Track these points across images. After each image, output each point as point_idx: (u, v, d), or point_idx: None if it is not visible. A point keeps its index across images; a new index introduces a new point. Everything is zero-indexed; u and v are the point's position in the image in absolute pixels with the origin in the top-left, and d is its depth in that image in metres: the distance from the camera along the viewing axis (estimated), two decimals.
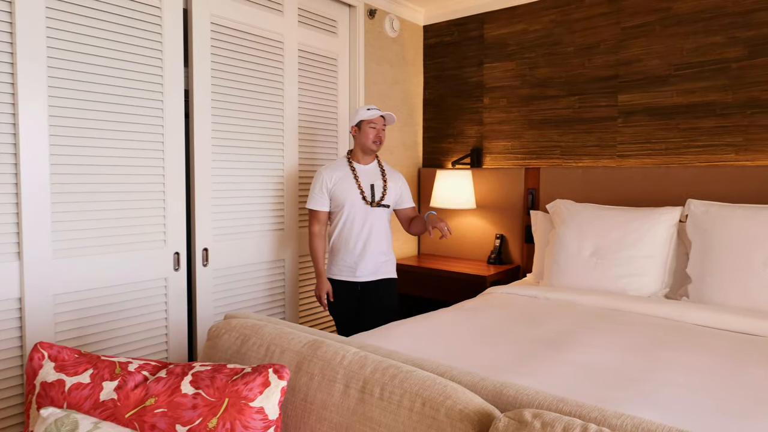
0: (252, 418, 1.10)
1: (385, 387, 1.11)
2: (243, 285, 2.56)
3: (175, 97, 2.21)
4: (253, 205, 2.58)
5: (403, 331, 1.82)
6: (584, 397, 1.31)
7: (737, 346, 1.69)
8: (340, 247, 2.37)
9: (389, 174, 2.44)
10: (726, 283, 2.06)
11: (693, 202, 2.30)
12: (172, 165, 2.22)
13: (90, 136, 1.98)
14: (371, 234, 2.35)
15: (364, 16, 3.05)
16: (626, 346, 1.67)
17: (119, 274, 2.09)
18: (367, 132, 2.32)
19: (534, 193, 3.00)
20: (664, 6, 2.64)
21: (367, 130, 2.32)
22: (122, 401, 1.15)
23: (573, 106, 2.93)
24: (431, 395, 1.05)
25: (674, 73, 2.62)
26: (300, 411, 1.21)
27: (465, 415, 0.98)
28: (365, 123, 2.32)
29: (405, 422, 1.04)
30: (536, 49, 3.04)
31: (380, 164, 2.44)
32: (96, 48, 1.98)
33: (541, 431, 0.85)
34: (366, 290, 2.39)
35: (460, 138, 3.39)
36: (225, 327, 1.48)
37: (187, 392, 1.14)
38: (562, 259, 2.46)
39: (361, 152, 2.38)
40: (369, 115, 2.32)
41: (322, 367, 1.22)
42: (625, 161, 2.80)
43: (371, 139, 2.32)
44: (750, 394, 1.32)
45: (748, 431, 1.13)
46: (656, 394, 1.32)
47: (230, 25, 2.42)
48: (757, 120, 2.44)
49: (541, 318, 2.00)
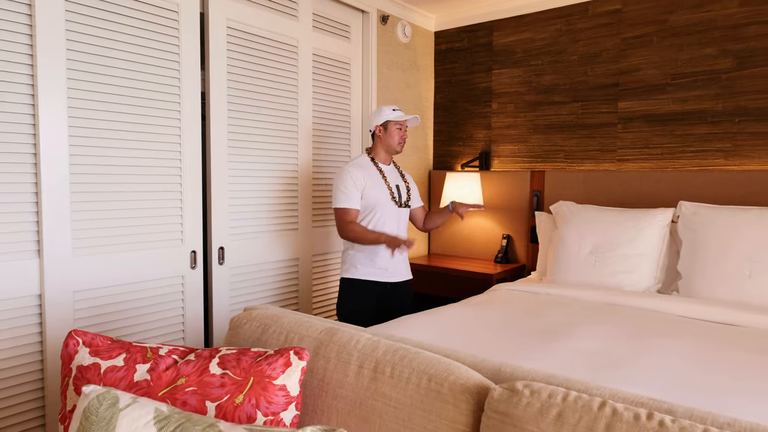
0: (275, 395, 1.25)
1: (395, 366, 1.26)
2: (258, 283, 2.66)
3: (191, 98, 2.30)
4: (268, 205, 2.69)
5: (414, 324, 1.96)
6: (573, 376, 1.45)
7: (717, 334, 1.83)
8: (372, 248, 2.33)
9: (406, 175, 2.51)
10: (712, 279, 2.19)
11: (684, 204, 2.42)
12: (189, 165, 2.31)
13: (109, 137, 2.05)
14: (400, 234, 2.40)
15: (377, 22, 3.19)
16: (617, 336, 1.81)
17: (137, 272, 2.16)
18: (393, 133, 2.34)
19: (539, 195, 3.13)
20: (661, 18, 2.76)
21: (393, 130, 2.34)
22: (155, 381, 1.28)
23: (576, 112, 3.06)
24: (436, 372, 1.19)
25: (670, 83, 2.75)
26: (317, 390, 1.36)
27: (466, 388, 1.13)
28: (392, 123, 2.33)
29: (413, 396, 1.19)
30: (542, 56, 3.17)
31: (397, 165, 2.51)
32: (114, 51, 2.04)
33: (530, 397, 1.00)
34: (392, 290, 2.41)
35: (469, 141, 3.53)
36: (246, 317, 1.63)
37: (215, 372, 1.28)
38: (563, 257, 2.60)
39: (385, 152, 2.39)
40: (396, 116, 2.33)
41: (338, 351, 1.37)
42: (625, 165, 2.93)
43: (397, 140, 2.34)
44: (723, 376, 1.46)
45: (718, 406, 1.27)
46: (638, 375, 1.46)
47: (246, 29, 2.52)
48: (745, 128, 2.57)
49: (542, 312, 2.13)
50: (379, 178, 2.36)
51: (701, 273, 2.24)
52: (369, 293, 2.36)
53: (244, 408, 1.24)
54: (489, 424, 1.03)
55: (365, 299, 2.36)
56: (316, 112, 2.92)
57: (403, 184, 2.45)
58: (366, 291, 2.35)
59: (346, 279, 2.38)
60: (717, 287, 2.19)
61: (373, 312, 2.39)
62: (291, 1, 2.73)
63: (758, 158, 2.56)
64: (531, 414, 0.98)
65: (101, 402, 1.13)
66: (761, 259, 2.11)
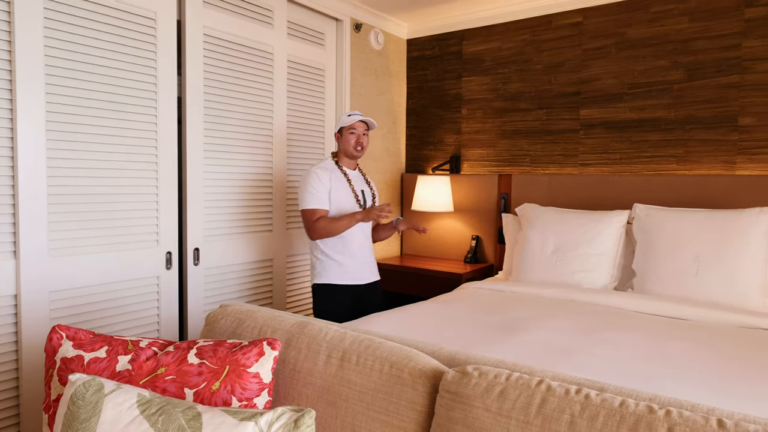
0: (249, 382, 1.34)
1: (360, 355, 1.36)
2: (233, 283, 2.73)
3: (168, 103, 2.37)
4: (243, 207, 2.76)
5: (383, 320, 2.07)
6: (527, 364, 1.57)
7: (664, 327, 1.98)
8: (340, 251, 2.36)
9: (371, 182, 2.56)
10: (663, 276, 2.35)
11: (638, 206, 2.59)
12: (165, 168, 2.37)
13: (86, 140, 2.10)
14: (367, 237, 2.44)
15: (350, 30, 3.29)
16: (570, 329, 1.94)
17: (113, 272, 2.21)
18: (348, 138, 2.37)
19: (506, 197, 3.27)
20: (619, 32, 2.93)
21: (347, 136, 2.37)
22: (136, 371, 1.37)
23: (541, 119, 3.22)
24: (397, 359, 1.30)
25: (627, 92, 2.92)
26: (289, 378, 1.46)
27: (423, 373, 1.24)
28: (345, 129, 2.37)
29: (376, 381, 1.29)
30: (509, 65, 3.32)
31: (361, 170, 2.56)
32: (93, 57, 2.10)
33: (478, 378, 1.11)
34: (363, 292, 2.46)
35: (440, 146, 3.66)
36: (222, 313, 1.71)
37: (193, 362, 1.36)
38: (527, 256, 2.73)
39: (346, 157, 2.44)
40: (348, 121, 2.35)
41: (308, 342, 1.47)
42: (586, 169, 3.09)
43: (352, 145, 2.37)
44: (662, 364, 1.60)
45: (653, 389, 1.40)
46: (587, 363, 1.59)
47: (222, 36, 2.59)
48: (694, 135, 2.75)
49: (504, 308, 2.26)
50: (344, 181, 2.40)
51: (653, 271, 2.40)
52: (343, 296, 2.39)
53: (220, 394, 1.33)
54: (442, 403, 1.14)
55: (339, 302, 2.39)
56: (291, 117, 3.01)
57: (368, 189, 2.50)
58: (339, 294, 2.38)
59: (318, 285, 2.41)
60: (667, 284, 2.34)
61: (348, 314, 2.43)
62: (267, 10, 2.82)
63: (707, 163, 2.74)
64: (478, 392, 1.09)
65: (87, 388, 1.21)
66: (707, 257, 2.28)
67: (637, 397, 1.05)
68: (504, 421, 1.02)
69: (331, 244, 2.37)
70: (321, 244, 2.39)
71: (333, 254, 2.38)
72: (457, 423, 1.09)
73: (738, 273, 2.21)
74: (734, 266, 2.22)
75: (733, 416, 0.87)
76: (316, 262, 2.42)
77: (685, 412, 0.88)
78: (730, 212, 2.33)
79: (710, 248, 2.28)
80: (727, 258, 2.23)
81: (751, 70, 2.61)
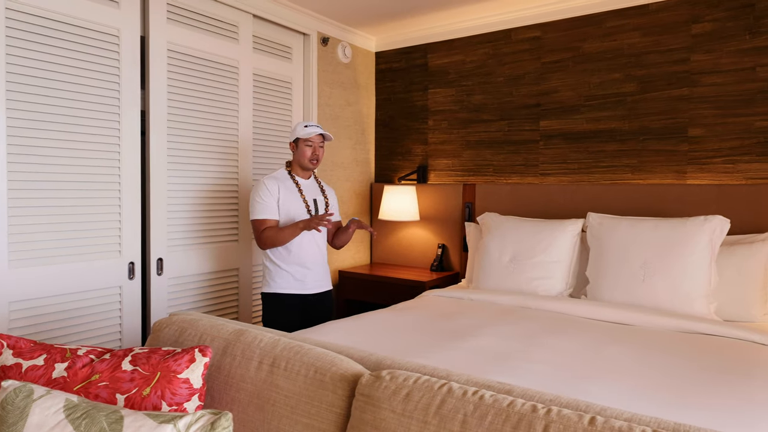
0: (179, 387, 1.38)
1: (289, 361, 1.40)
2: (197, 293, 2.76)
3: (131, 116, 2.42)
4: (208, 218, 2.80)
5: (336, 328, 2.11)
6: (462, 370, 1.62)
7: (607, 332, 2.03)
8: (286, 260, 2.38)
9: (326, 189, 2.56)
10: (612, 283, 2.41)
11: (591, 215, 2.65)
12: (127, 180, 2.42)
13: (47, 153, 2.14)
14: (318, 247, 2.45)
15: (317, 44, 3.36)
16: (515, 335, 1.99)
17: (75, 283, 2.23)
18: (303, 150, 2.37)
19: (471, 206, 3.34)
20: (575, 45, 3.02)
21: (303, 148, 2.37)
22: (71, 378, 1.40)
23: (503, 130, 3.29)
24: (322, 365, 1.34)
25: (584, 104, 3.00)
26: (224, 385, 1.50)
27: (344, 377, 1.28)
28: (302, 141, 2.36)
29: (301, 386, 1.34)
30: (472, 77, 3.39)
31: (317, 179, 2.57)
32: (54, 73, 2.15)
33: (389, 382, 1.15)
34: (312, 302, 2.46)
35: (408, 156, 3.72)
36: (167, 322, 1.75)
37: (126, 369, 1.40)
38: (486, 264, 2.79)
39: (300, 168, 2.44)
40: (306, 133, 2.34)
41: (243, 349, 1.51)
42: (546, 179, 3.15)
43: (308, 158, 2.37)
44: (595, 367, 1.65)
45: (577, 391, 1.45)
46: (518, 368, 1.63)
47: (186, 51, 2.65)
48: (648, 145, 2.82)
49: (457, 315, 2.31)
50: (294, 191, 2.41)
51: (604, 278, 2.46)
52: (290, 306, 2.40)
53: (150, 399, 1.37)
54: (357, 406, 1.18)
55: (287, 312, 2.40)
56: (257, 129, 3.06)
57: (321, 198, 2.51)
58: (287, 304, 2.40)
59: (266, 294, 2.43)
60: (616, 290, 2.40)
61: (299, 323, 2.44)
62: (232, 25, 2.88)
63: (660, 173, 2.81)
64: (386, 395, 1.13)
65: (17, 394, 1.25)
66: (653, 264, 2.34)
67: (539, 399, 1.09)
68: (406, 422, 1.07)
69: (279, 253, 2.39)
70: (270, 253, 2.41)
71: (281, 263, 2.40)
72: (367, 424, 1.13)
73: (682, 279, 2.27)
74: (679, 273, 2.28)
75: (606, 412, 0.92)
76: (266, 271, 2.45)
77: (563, 411, 0.93)
78: (677, 220, 2.40)
79: (657, 255, 2.34)
80: (671, 265, 2.29)
81: (700, 83, 2.69)
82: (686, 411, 1.35)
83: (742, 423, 1.28)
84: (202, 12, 2.73)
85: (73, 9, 2.22)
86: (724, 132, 2.65)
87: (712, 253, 2.30)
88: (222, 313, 2.90)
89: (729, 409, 1.38)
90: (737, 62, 2.60)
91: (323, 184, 2.60)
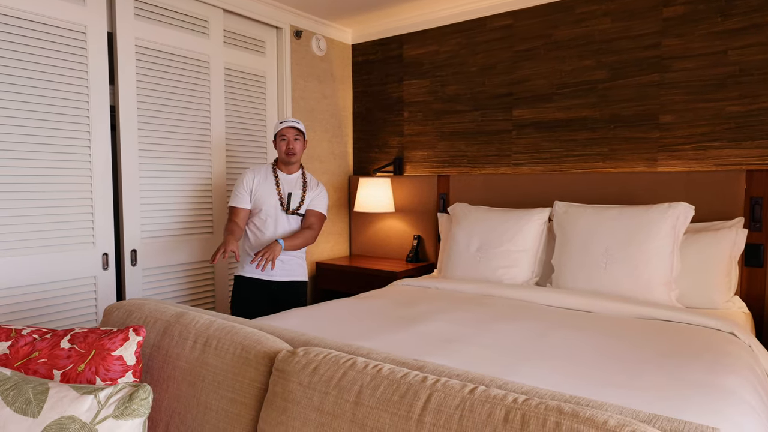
0: (113, 364, 1.41)
1: (220, 340, 1.42)
2: (172, 284, 2.81)
3: (100, 111, 2.47)
4: (182, 210, 2.85)
5: (295, 315, 2.12)
6: (403, 352, 1.63)
7: (563, 319, 2.02)
8: (254, 246, 2.52)
9: (310, 186, 2.58)
10: (575, 271, 2.40)
11: (557, 204, 2.64)
12: (98, 173, 2.48)
13: (19, 149, 2.21)
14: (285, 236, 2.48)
15: (290, 37, 3.38)
16: (468, 320, 1.99)
17: (49, 273, 2.30)
18: (279, 145, 2.50)
19: (445, 197, 3.34)
20: (547, 33, 3.00)
21: (279, 143, 2.50)
22: (13, 355, 1.45)
23: (477, 120, 3.28)
24: (249, 343, 1.36)
25: (556, 92, 2.98)
26: (162, 363, 1.52)
27: (267, 354, 1.30)
28: (278, 136, 2.50)
29: (228, 363, 1.36)
30: (446, 68, 3.39)
31: (304, 176, 2.59)
32: (23, 70, 2.21)
33: (302, 357, 1.17)
34: (279, 291, 2.54)
35: (385, 148, 3.73)
36: (117, 306, 1.78)
37: (64, 347, 1.44)
38: (454, 254, 2.79)
39: (282, 163, 2.56)
40: (278, 127, 2.49)
41: (180, 330, 1.53)
42: (519, 169, 3.15)
43: (283, 151, 2.49)
44: (536, 351, 1.65)
45: (508, 372, 1.45)
46: (459, 350, 1.64)
47: (155, 47, 2.69)
48: (619, 133, 2.81)
49: (418, 303, 2.31)
50: (272, 183, 2.52)
51: (567, 266, 2.45)
52: (255, 290, 2.51)
53: (84, 374, 1.40)
54: (273, 380, 1.20)
55: (251, 296, 2.51)
56: (231, 123, 3.09)
57: (299, 193, 2.54)
58: (252, 288, 2.51)
59: (236, 276, 2.57)
60: (579, 278, 2.39)
61: (264, 311, 2.52)
62: (202, 20, 2.91)
63: (631, 161, 2.79)
64: (297, 369, 1.15)
65: None
66: (615, 251, 2.32)
67: (448, 374, 1.10)
68: (310, 393, 1.08)
69: (250, 237, 2.53)
70: (245, 237, 2.55)
71: (249, 250, 2.55)
72: (277, 396, 1.15)
73: (643, 266, 2.25)
74: (640, 260, 2.26)
75: (486, 381, 0.92)
76: (241, 253, 2.59)
77: (450, 381, 0.93)
78: (641, 208, 2.38)
79: (618, 243, 2.33)
80: (633, 252, 2.28)
81: (671, 69, 2.67)
82: (612, 390, 1.35)
83: (669, 404, 1.28)
84: (171, 7, 2.76)
85: (39, 7, 2.27)
86: (695, 118, 2.62)
87: (675, 239, 2.28)
88: (198, 302, 2.94)
89: (659, 389, 1.37)
90: (708, 46, 2.58)
91: (311, 181, 2.61)
